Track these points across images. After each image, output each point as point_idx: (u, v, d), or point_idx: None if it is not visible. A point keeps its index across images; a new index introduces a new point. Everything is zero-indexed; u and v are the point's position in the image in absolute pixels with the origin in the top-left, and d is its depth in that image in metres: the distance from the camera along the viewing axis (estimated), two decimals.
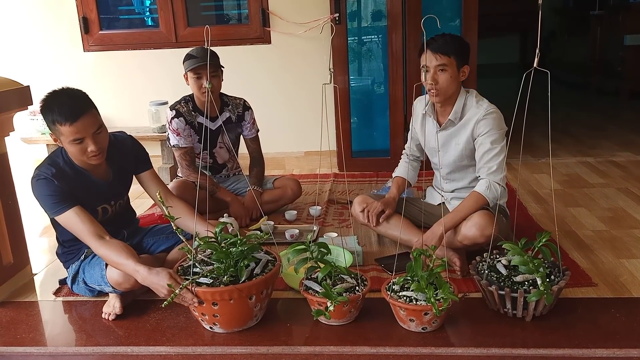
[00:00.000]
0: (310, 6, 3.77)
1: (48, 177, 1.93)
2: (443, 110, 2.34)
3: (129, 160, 2.18)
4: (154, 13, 4.14)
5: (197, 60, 2.72)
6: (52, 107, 1.88)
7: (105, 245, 1.91)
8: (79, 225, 1.93)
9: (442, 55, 2.17)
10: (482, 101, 2.29)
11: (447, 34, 2.22)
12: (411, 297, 1.79)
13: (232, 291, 1.76)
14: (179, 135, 2.85)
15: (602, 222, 2.75)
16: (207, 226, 2.05)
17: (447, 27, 3.70)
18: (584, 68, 6.88)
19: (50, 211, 1.96)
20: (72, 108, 1.87)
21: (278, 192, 3.07)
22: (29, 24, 4.06)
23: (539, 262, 1.82)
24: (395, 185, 2.54)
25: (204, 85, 2.74)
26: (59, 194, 1.93)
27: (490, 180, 2.20)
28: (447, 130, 2.34)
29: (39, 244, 2.84)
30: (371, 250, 2.52)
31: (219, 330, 1.87)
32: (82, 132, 1.89)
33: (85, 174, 2.04)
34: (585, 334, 1.78)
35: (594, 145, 4.29)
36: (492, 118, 2.22)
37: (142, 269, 1.85)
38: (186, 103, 2.88)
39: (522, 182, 3.44)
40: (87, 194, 2.02)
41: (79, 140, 1.90)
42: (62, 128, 1.87)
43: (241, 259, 1.82)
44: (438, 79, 2.20)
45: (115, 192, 2.17)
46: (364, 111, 4.05)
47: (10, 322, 2.06)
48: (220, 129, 2.94)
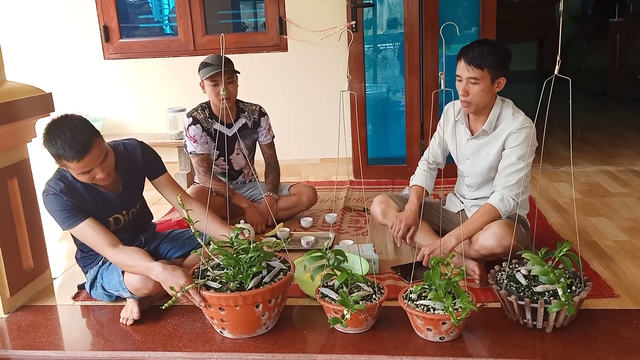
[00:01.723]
0: (327, 14, 3.78)
1: (57, 192, 1.95)
2: (476, 118, 2.29)
3: (139, 168, 2.18)
4: (173, 21, 4.19)
5: (213, 68, 2.74)
6: (56, 143, 1.84)
7: (119, 252, 1.93)
8: (93, 236, 1.96)
9: (474, 68, 2.10)
10: (518, 113, 2.22)
11: (485, 43, 2.13)
12: (429, 306, 1.78)
13: (237, 298, 1.76)
14: (196, 142, 2.87)
15: (624, 232, 2.70)
16: (226, 230, 2.06)
17: (464, 35, 3.68)
18: (603, 76, 6.79)
19: (62, 225, 1.98)
20: (78, 145, 1.83)
21: (294, 199, 3.07)
22: (51, 32, 4.14)
23: (560, 272, 1.79)
24: (415, 195, 2.45)
25: (220, 92, 2.76)
26: (70, 208, 1.95)
27: (504, 194, 2.17)
28: (479, 139, 2.29)
29: (58, 248, 2.87)
30: (388, 258, 2.51)
31: (228, 335, 1.88)
32: (90, 165, 1.89)
33: (94, 187, 2.04)
34: (607, 346, 1.74)
35: (615, 154, 4.22)
36: (526, 133, 2.16)
37: (156, 266, 1.86)
38: (203, 110, 2.90)
39: (542, 191, 3.40)
40: (97, 206, 2.03)
41: (87, 171, 1.91)
42: (69, 164, 1.87)
43: (251, 266, 1.82)
44: (469, 91, 2.15)
45: (127, 202, 2.17)
46: (380, 118, 4.04)
47: (30, 326, 2.08)
48: (236, 135, 2.96)
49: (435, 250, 2.17)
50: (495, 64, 2.11)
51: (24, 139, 2.30)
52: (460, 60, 2.15)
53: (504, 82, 2.18)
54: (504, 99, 2.27)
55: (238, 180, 3.13)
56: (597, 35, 7.19)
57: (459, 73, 2.16)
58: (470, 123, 2.33)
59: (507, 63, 2.16)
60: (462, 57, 2.14)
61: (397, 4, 3.76)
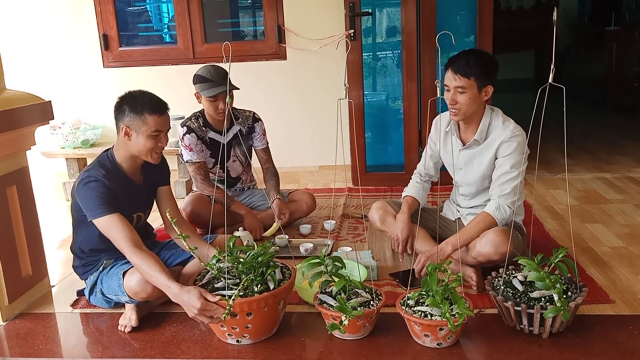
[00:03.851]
0: (325, 22, 3.81)
1: (99, 178, 2.00)
2: (467, 128, 2.31)
3: (157, 173, 2.26)
4: (172, 30, 4.22)
5: (213, 85, 2.75)
6: (142, 99, 2.04)
7: (140, 254, 1.93)
8: (119, 229, 1.96)
9: (461, 77, 2.14)
10: (508, 122, 2.24)
11: (471, 53, 2.16)
12: (426, 312, 1.79)
13: (268, 298, 1.80)
14: (192, 150, 2.89)
15: (620, 239, 2.71)
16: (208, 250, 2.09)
17: (461, 43, 3.71)
18: (600, 84, 6.83)
19: (93, 212, 1.98)
20: (161, 102, 2.08)
21: (293, 205, 3.08)
22: (51, 41, 4.16)
23: (555, 278, 1.80)
24: (406, 205, 2.46)
25: (220, 107, 2.78)
26: (106, 197, 1.98)
27: (500, 203, 2.18)
28: (471, 149, 2.31)
29: (57, 256, 2.88)
30: (385, 264, 2.52)
31: (247, 342, 1.88)
32: (163, 126, 2.06)
33: (128, 178, 2.13)
34: (603, 351, 1.75)
35: (611, 161, 4.24)
36: (517, 141, 2.18)
37: (175, 286, 1.85)
38: (197, 119, 2.92)
39: (538, 197, 3.41)
40: (128, 198, 2.09)
41: (158, 133, 2.04)
42: (150, 118, 2.02)
43: (266, 268, 1.86)
44: (457, 100, 2.17)
45: (147, 201, 2.25)
46: (379, 126, 4.06)
47: (28, 333, 2.08)
48: (231, 142, 2.98)
49: (432, 257, 2.18)
50: (482, 72, 2.14)
51: (23, 146, 2.31)
52: (448, 70, 2.18)
53: (491, 91, 2.20)
54: (493, 108, 2.30)
55: (236, 187, 3.14)
56: (594, 43, 7.23)
57: (447, 82, 2.19)
58: (461, 133, 2.35)
59: (493, 72, 2.19)
60: (449, 66, 2.17)
61: (395, 13, 3.79)
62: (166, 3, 4.48)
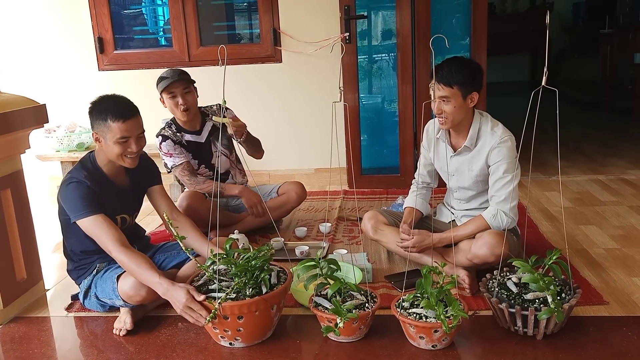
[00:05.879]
0: (320, 25, 3.82)
1: (80, 179, 2.00)
2: (457, 134, 2.31)
3: (144, 174, 2.24)
4: (168, 33, 4.22)
5: (167, 80, 2.77)
6: (107, 105, 2.02)
7: (127, 252, 1.93)
8: (104, 230, 1.96)
9: (444, 87, 2.13)
10: (497, 127, 2.24)
11: (454, 62, 2.16)
12: (421, 314, 1.79)
13: (259, 302, 1.79)
14: (172, 155, 2.87)
15: (614, 240, 2.73)
16: (210, 247, 2.08)
17: (456, 46, 3.73)
18: (594, 86, 6.87)
19: (76, 213, 1.98)
20: (126, 108, 2.03)
21: (283, 198, 3.03)
22: (46, 44, 4.16)
23: (549, 279, 1.81)
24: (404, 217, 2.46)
25: (179, 102, 2.78)
26: (89, 197, 1.97)
27: (498, 210, 2.19)
28: (462, 155, 2.31)
29: (51, 260, 2.87)
30: (381, 267, 2.52)
31: (239, 345, 1.88)
32: (130, 132, 2.01)
33: (110, 180, 2.12)
34: (597, 352, 1.76)
35: (605, 163, 4.26)
36: (507, 147, 2.19)
37: (165, 282, 1.87)
38: (169, 127, 2.92)
39: (533, 199, 3.43)
40: (111, 200, 2.08)
41: (125, 139, 2.00)
42: (114, 124, 1.98)
43: (260, 271, 1.85)
44: (443, 108, 2.18)
45: (134, 203, 2.24)
46: (374, 128, 4.07)
47: (23, 337, 2.08)
48: (209, 139, 2.98)
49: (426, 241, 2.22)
50: (465, 80, 2.14)
51: (17, 150, 2.31)
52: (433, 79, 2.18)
53: (477, 97, 2.19)
54: (482, 113, 2.30)
55: (227, 182, 3.12)
56: (589, 46, 7.28)
57: (433, 91, 2.19)
58: (452, 140, 2.35)
59: (477, 79, 2.19)
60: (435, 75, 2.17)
61: (390, 16, 3.81)
62: (162, 6, 4.48)
